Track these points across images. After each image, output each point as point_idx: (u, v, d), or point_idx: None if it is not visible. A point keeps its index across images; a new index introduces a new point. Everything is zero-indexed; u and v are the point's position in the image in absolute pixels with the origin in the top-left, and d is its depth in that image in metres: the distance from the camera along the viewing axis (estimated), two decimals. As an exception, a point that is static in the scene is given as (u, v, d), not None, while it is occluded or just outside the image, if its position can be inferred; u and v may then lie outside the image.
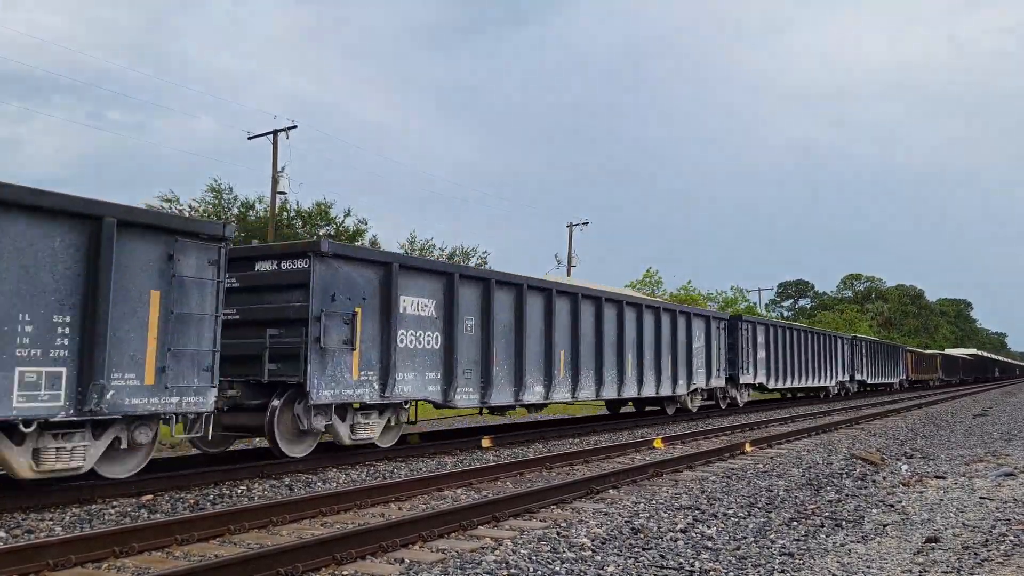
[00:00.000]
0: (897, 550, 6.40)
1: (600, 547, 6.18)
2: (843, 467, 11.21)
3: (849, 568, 5.79)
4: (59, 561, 5.44)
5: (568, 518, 7.25)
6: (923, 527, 7.31)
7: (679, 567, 5.68)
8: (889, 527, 7.30)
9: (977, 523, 7.46)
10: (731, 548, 6.30)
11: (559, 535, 6.49)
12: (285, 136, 30.32)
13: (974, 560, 6.04)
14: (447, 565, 5.54)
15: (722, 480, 9.74)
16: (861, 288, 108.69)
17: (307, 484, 9.19)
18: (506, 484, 9.30)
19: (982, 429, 18.76)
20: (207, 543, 6.26)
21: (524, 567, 5.53)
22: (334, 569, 5.46)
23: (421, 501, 8.16)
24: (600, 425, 16.97)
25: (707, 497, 8.49)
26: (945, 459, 12.76)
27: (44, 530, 6.65)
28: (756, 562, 5.88)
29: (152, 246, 8.28)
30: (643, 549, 6.15)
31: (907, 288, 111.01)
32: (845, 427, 18.14)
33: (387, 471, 10.31)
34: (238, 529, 6.56)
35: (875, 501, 8.70)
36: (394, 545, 5.98)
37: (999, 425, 20.00)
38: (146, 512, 7.44)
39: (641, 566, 5.67)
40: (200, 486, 8.79)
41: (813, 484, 9.68)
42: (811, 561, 5.98)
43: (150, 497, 8.12)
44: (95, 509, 7.48)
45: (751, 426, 17.89)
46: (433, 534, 6.38)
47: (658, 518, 7.32)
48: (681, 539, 6.54)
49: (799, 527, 7.20)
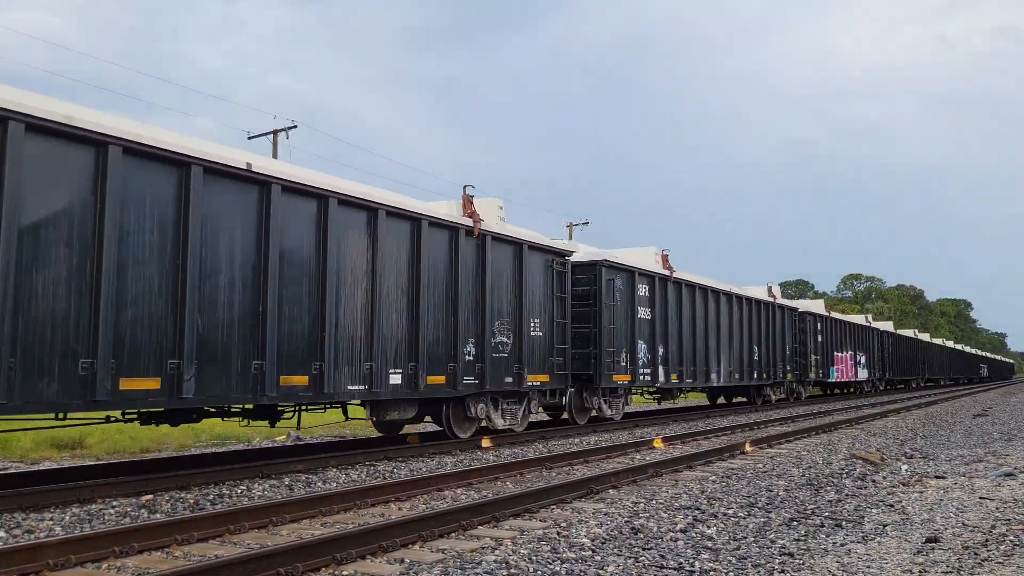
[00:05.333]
0: (897, 550, 6.40)
1: (600, 547, 6.18)
2: (843, 467, 11.21)
3: (849, 568, 5.79)
4: (59, 561, 5.44)
5: (568, 518, 7.25)
6: (923, 527, 7.31)
7: (679, 567, 5.68)
8: (889, 527, 7.30)
9: (977, 523, 7.46)
10: (731, 548, 6.30)
11: (559, 535, 6.49)
12: (285, 136, 30.33)
13: (974, 560, 6.04)
14: (447, 565, 5.54)
15: (722, 480, 9.74)
16: (861, 288, 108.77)
17: (307, 484, 9.19)
18: (506, 484, 9.30)
19: (982, 429, 18.76)
20: (207, 543, 6.26)
21: (524, 567, 5.53)
22: (334, 569, 5.46)
23: (421, 501, 8.16)
24: (600, 425, 16.98)
25: (707, 497, 8.49)
26: (945, 459, 12.76)
27: (44, 530, 6.65)
28: (756, 562, 5.88)
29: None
30: (643, 549, 6.15)
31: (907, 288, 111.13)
32: (845, 427, 18.14)
33: (387, 471, 10.31)
34: (238, 529, 6.56)
35: (875, 501, 8.70)
36: (394, 545, 5.98)
37: (999, 425, 20.00)
38: (146, 512, 7.44)
39: (641, 566, 5.67)
40: (200, 486, 8.79)
41: (813, 484, 9.68)
42: (811, 561, 5.98)
43: (150, 497, 8.12)
44: (95, 509, 7.47)
45: (751, 426, 17.90)
46: (433, 534, 6.37)
47: (658, 518, 7.32)
48: (681, 539, 6.54)
49: (799, 527, 7.20)
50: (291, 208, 9.79)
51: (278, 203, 9.53)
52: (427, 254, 11.81)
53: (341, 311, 10.44)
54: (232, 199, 9.11)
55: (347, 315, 10.53)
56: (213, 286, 8.84)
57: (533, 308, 14.24)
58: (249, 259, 9.25)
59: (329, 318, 10.19)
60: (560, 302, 15.07)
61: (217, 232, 8.92)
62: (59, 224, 7.54)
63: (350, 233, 10.64)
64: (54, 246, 7.49)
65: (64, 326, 7.48)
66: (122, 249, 7.99)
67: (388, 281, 11.21)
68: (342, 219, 10.48)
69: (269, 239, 9.41)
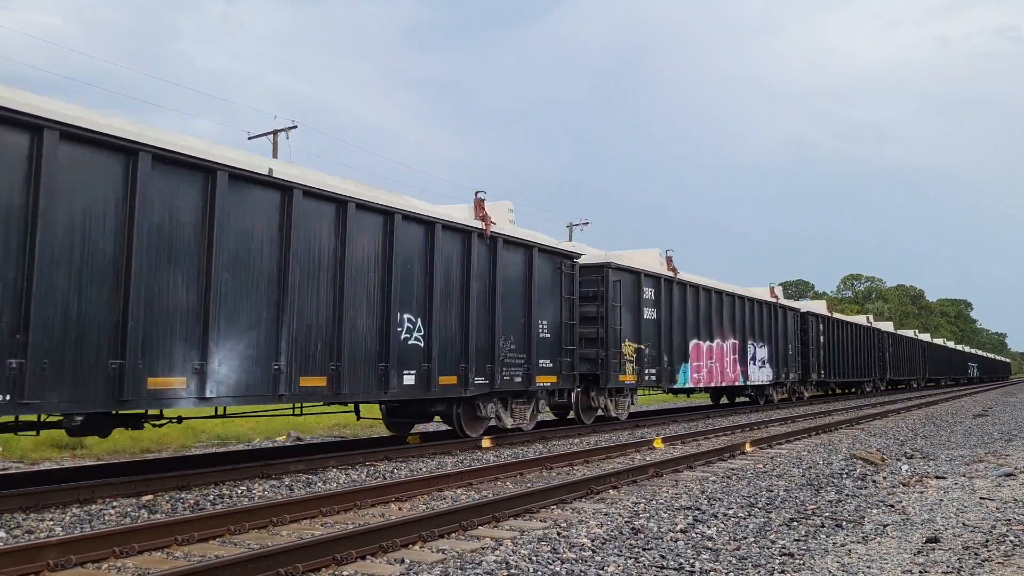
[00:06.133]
0: (897, 550, 6.39)
1: (600, 547, 6.17)
2: (843, 467, 11.21)
3: (849, 568, 5.78)
4: (59, 561, 5.44)
5: (568, 518, 7.25)
6: (923, 527, 7.31)
7: (679, 567, 5.68)
8: (889, 527, 7.30)
9: (977, 523, 7.45)
10: (731, 548, 6.30)
11: (559, 535, 6.49)
12: (285, 136, 30.33)
13: (974, 560, 6.04)
14: (447, 565, 5.54)
15: (722, 480, 9.74)
16: (861, 288, 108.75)
17: (307, 484, 9.19)
18: (506, 484, 9.30)
19: (982, 429, 18.75)
20: (207, 543, 6.26)
21: (524, 567, 5.53)
22: (334, 569, 5.46)
23: (421, 501, 8.16)
24: (600, 425, 16.99)
25: (707, 497, 8.49)
26: (945, 459, 12.76)
27: (44, 530, 6.65)
28: (756, 562, 5.88)
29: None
30: (643, 549, 6.15)
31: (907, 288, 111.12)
32: (845, 427, 18.14)
33: (387, 471, 10.31)
34: (238, 529, 6.56)
35: (875, 501, 8.70)
36: (394, 545, 5.98)
37: (999, 425, 20.00)
38: (146, 512, 7.44)
39: (641, 566, 5.67)
40: (200, 486, 8.79)
41: (813, 484, 9.67)
42: (811, 561, 5.98)
43: (150, 497, 8.12)
44: (95, 509, 7.48)
45: (751, 426, 17.90)
46: (433, 534, 6.37)
47: (658, 518, 7.31)
48: (681, 539, 6.53)
49: (799, 527, 7.20)
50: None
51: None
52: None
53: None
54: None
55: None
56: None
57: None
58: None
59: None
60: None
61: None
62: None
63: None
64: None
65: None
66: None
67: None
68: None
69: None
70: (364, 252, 10.71)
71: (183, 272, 8.46)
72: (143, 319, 7.99)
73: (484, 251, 12.92)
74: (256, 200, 9.27)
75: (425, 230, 11.76)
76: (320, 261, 10.08)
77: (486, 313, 12.92)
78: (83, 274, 7.60)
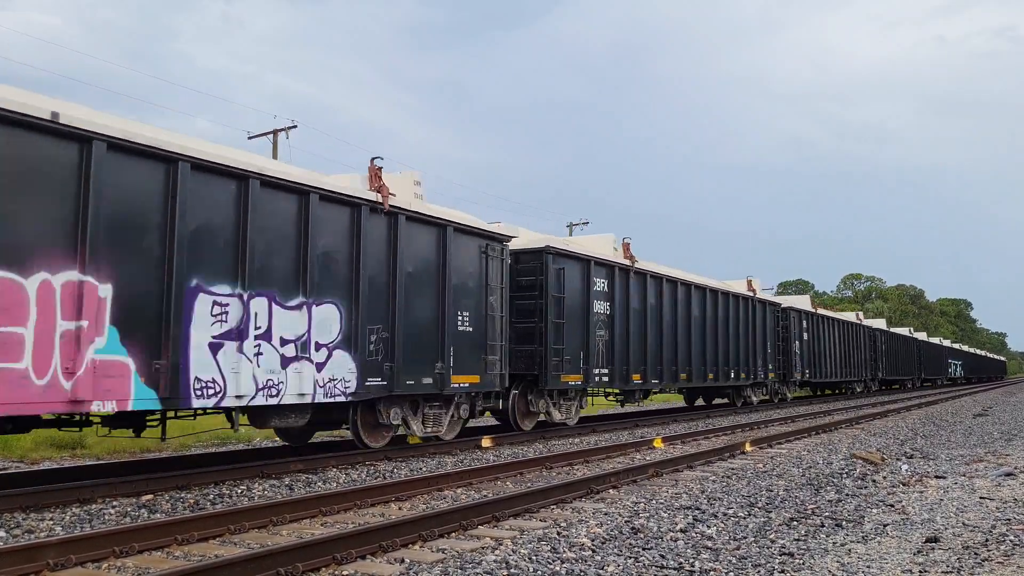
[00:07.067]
0: (897, 550, 6.39)
1: (600, 547, 6.17)
2: (843, 467, 11.21)
3: (849, 568, 5.78)
4: (59, 561, 5.44)
5: (568, 518, 7.25)
6: (923, 527, 7.31)
7: (679, 567, 5.68)
8: (889, 527, 7.30)
9: (977, 523, 7.46)
10: (731, 548, 6.30)
11: (559, 535, 6.49)
12: (285, 136, 30.31)
13: (974, 560, 6.04)
14: (447, 565, 5.54)
15: (722, 480, 9.74)
16: (861, 288, 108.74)
17: (307, 484, 9.19)
18: (506, 484, 9.30)
19: (982, 429, 18.76)
20: (207, 543, 6.26)
21: (524, 567, 5.53)
22: (334, 569, 5.46)
23: (421, 501, 8.16)
24: (600, 425, 16.99)
25: (707, 497, 8.49)
26: (945, 459, 12.76)
27: (44, 530, 6.65)
28: (756, 562, 5.88)
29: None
30: (643, 549, 6.15)
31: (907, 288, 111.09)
32: (845, 427, 18.14)
33: (387, 471, 10.31)
34: (238, 529, 6.56)
35: (875, 501, 8.70)
36: (394, 545, 5.98)
37: (999, 425, 20.00)
38: (146, 512, 7.44)
39: (641, 566, 5.67)
40: (200, 486, 8.79)
41: (813, 484, 9.68)
42: (811, 561, 5.98)
43: (150, 497, 8.12)
44: (95, 509, 7.48)
45: (751, 426, 17.90)
46: (433, 534, 6.38)
47: (658, 518, 7.31)
48: (681, 539, 6.53)
49: (799, 527, 7.20)
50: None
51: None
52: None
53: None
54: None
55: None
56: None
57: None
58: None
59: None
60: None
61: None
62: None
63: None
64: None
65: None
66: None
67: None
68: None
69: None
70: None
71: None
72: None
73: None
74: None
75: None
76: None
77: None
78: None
